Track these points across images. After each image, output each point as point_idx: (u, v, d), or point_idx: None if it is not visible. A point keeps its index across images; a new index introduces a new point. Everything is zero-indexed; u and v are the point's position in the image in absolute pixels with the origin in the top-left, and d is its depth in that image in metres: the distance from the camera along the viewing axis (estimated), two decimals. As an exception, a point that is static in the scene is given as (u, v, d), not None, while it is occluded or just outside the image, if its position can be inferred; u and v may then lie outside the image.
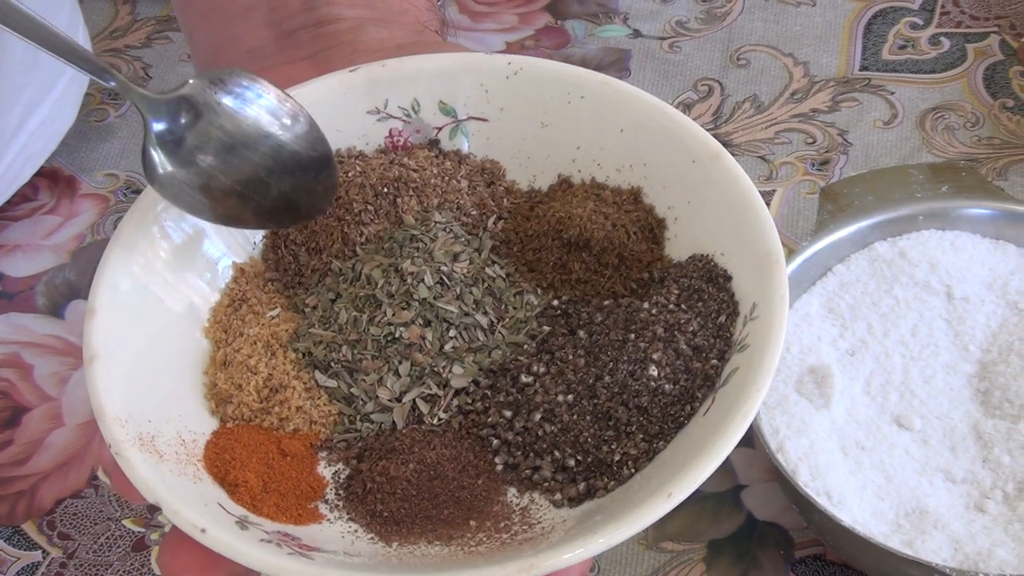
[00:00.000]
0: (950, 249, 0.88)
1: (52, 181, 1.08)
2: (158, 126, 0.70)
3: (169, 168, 0.70)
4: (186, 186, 0.71)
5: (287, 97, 0.74)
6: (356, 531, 0.67)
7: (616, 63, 1.12)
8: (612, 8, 1.17)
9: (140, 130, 1.09)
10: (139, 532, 0.86)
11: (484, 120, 0.80)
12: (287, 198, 0.74)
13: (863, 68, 1.10)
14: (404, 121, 0.80)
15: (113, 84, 0.70)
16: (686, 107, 1.07)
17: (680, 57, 1.12)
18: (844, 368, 0.83)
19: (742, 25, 1.15)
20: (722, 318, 0.70)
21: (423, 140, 0.80)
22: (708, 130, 1.03)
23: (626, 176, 0.78)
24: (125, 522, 0.87)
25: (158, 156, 0.70)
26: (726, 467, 0.85)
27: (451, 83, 0.79)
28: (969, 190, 0.89)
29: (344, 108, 0.78)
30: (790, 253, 0.88)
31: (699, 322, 0.70)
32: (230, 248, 0.76)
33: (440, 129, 0.80)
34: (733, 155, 1.00)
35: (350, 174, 0.77)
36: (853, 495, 0.77)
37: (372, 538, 0.67)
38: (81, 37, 1.10)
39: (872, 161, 1.02)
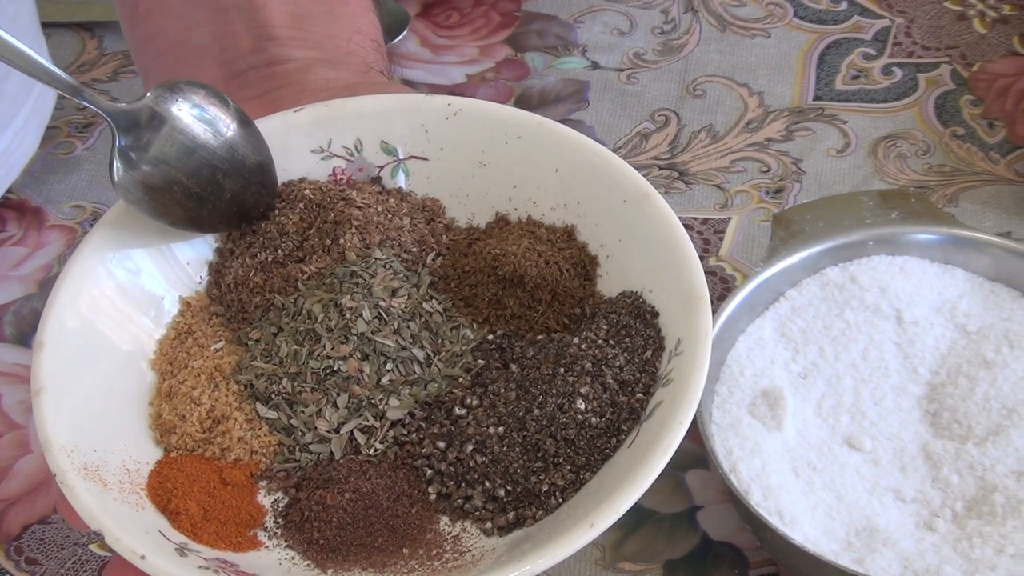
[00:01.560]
0: (899, 274, 0.89)
1: (19, 213, 1.10)
2: (123, 135, 0.73)
3: (131, 174, 0.73)
4: (149, 190, 0.74)
5: (231, 102, 0.77)
6: (293, 558, 0.69)
7: (575, 94, 1.13)
8: (571, 40, 1.19)
9: (107, 162, 1.11)
10: (105, 556, 0.87)
11: (424, 159, 0.82)
12: (238, 200, 0.77)
13: (817, 98, 1.12)
14: (347, 160, 0.81)
15: (84, 102, 0.73)
16: (643, 137, 1.09)
17: (637, 88, 1.14)
18: (796, 391, 0.85)
19: (698, 56, 1.16)
20: (648, 353, 0.72)
21: (365, 178, 0.81)
22: (664, 160, 1.06)
23: (561, 214, 0.80)
24: (91, 547, 0.87)
25: (121, 164, 0.73)
26: (682, 488, 0.87)
27: (392, 123, 0.81)
28: (918, 216, 0.91)
29: (288, 147, 0.80)
30: (744, 279, 0.90)
31: (626, 357, 0.72)
32: (173, 285, 0.78)
33: (382, 168, 0.82)
34: (689, 184, 1.03)
35: (295, 210, 0.79)
36: (804, 514, 0.79)
37: (308, 565, 0.69)
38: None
39: (825, 189, 1.04)
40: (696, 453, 0.88)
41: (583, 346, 0.73)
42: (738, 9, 1.20)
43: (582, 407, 0.70)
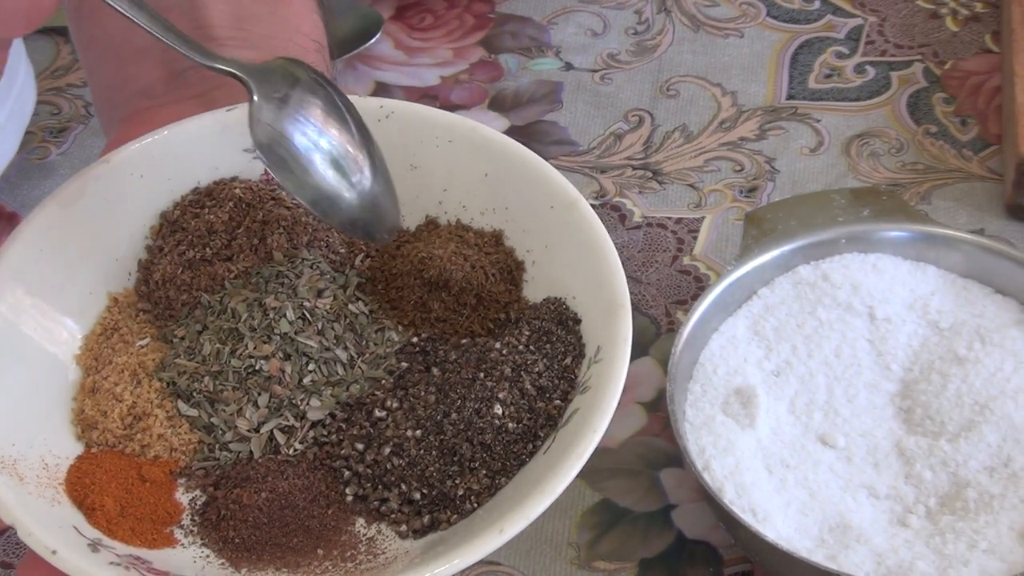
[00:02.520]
0: (872, 271, 0.90)
1: (-7, 218, 1.10)
2: (263, 87, 0.72)
3: (273, 128, 0.72)
4: (291, 150, 0.73)
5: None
6: (208, 556, 0.70)
7: (548, 95, 1.14)
8: (545, 42, 1.19)
9: (83, 166, 1.11)
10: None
11: None
12: (367, 198, 0.76)
13: (790, 97, 1.12)
14: None
15: (220, 65, 0.72)
16: (617, 137, 1.09)
17: (611, 88, 1.14)
18: (769, 389, 0.85)
19: (672, 57, 1.17)
20: (568, 360, 0.73)
21: None
22: (638, 160, 1.06)
23: (489, 219, 0.80)
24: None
25: (261, 118, 0.72)
26: (656, 487, 0.87)
27: None
28: (889, 213, 0.91)
29: (221, 146, 0.80)
30: (716, 277, 0.90)
31: (545, 363, 0.72)
32: (102, 281, 0.79)
33: None
34: (662, 184, 1.04)
35: (225, 209, 0.79)
36: (778, 512, 0.79)
37: (223, 563, 0.69)
38: (23, 71, 1.11)
39: (799, 187, 1.04)
40: (670, 452, 0.88)
41: (504, 351, 0.73)
42: (711, 9, 1.21)
43: (500, 412, 0.71)
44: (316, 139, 0.73)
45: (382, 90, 1.15)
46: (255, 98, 0.72)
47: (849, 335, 0.87)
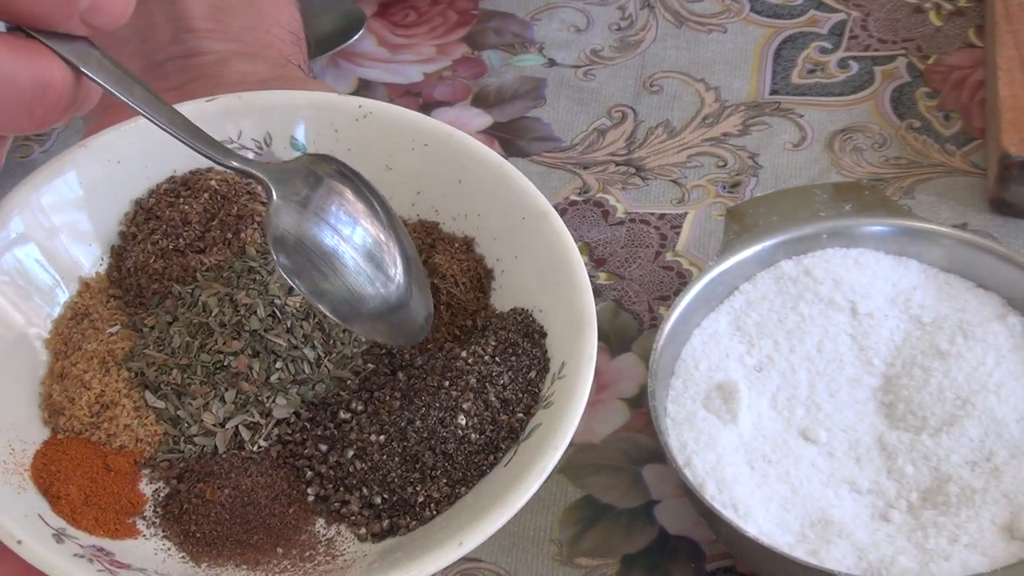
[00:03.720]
0: (854, 266, 0.90)
1: (-24, 217, 1.09)
2: (280, 189, 0.68)
3: (291, 233, 0.69)
4: (311, 253, 0.69)
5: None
6: (169, 549, 0.70)
7: (532, 91, 1.13)
8: (528, 38, 1.19)
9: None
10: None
11: None
12: (399, 303, 0.73)
13: (773, 92, 1.12)
14: (256, 153, 0.81)
15: (238, 164, 0.68)
16: (600, 133, 1.09)
17: (594, 84, 1.14)
18: (751, 384, 0.85)
19: (655, 52, 1.16)
20: (532, 374, 0.73)
21: None
22: (622, 156, 1.06)
23: (461, 225, 0.80)
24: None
25: (279, 222, 0.68)
26: (639, 483, 0.87)
27: (302, 120, 0.82)
28: (872, 208, 0.92)
29: None
30: (699, 273, 0.90)
31: (510, 376, 0.73)
32: (74, 265, 0.78)
33: None
34: (645, 179, 1.04)
35: (200, 200, 0.79)
36: (759, 507, 0.79)
37: (183, 557, 0.70)
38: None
39: (781, 182, 1.04)
40: (652, 448, 0.88)
41: (470, 360, 0.73)
42: (694, 5, 1.20)
43: (463, 423, 0.71)
44: (340, 239, 0.71)
45: (365, 87, 1.15)
46: (274, 198, 0.68)
47: (831, 330, 0.87)
